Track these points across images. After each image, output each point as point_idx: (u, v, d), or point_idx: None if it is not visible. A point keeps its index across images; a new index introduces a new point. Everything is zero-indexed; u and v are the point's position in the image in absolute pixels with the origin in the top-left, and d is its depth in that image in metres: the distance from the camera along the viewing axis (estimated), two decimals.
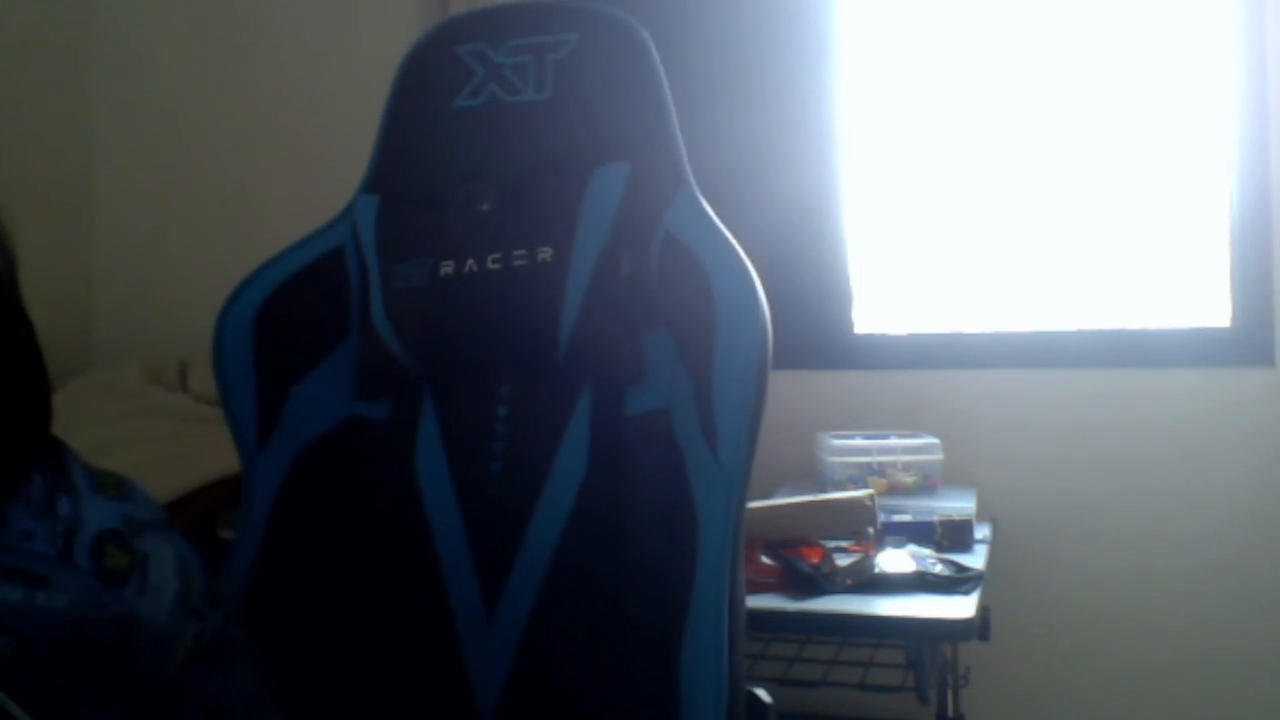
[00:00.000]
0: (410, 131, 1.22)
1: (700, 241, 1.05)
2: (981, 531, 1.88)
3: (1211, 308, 2.28)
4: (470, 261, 1.11)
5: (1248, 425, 2.18)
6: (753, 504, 1.80)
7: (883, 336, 2.43)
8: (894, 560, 1.67)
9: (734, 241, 1.04)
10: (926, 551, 1.72)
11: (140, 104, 2.77)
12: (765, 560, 1.64)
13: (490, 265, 1.09)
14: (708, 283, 1.02)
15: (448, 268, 1.11)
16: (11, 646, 0.69)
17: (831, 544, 1.72)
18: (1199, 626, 2.19)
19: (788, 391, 2.38)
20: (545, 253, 1.08)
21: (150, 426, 2.11)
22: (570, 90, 1.14)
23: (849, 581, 1.60)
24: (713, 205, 1.09)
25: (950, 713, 1.90)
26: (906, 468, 2.10)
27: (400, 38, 2.56)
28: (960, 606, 1.53)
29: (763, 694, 1.07)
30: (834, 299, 2.43)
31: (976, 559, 1.73)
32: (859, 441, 2.14)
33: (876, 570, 1.63)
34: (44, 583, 0.71)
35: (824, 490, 2.01)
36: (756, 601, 1.58)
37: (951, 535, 1.79)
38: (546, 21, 1.17)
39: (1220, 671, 2.18)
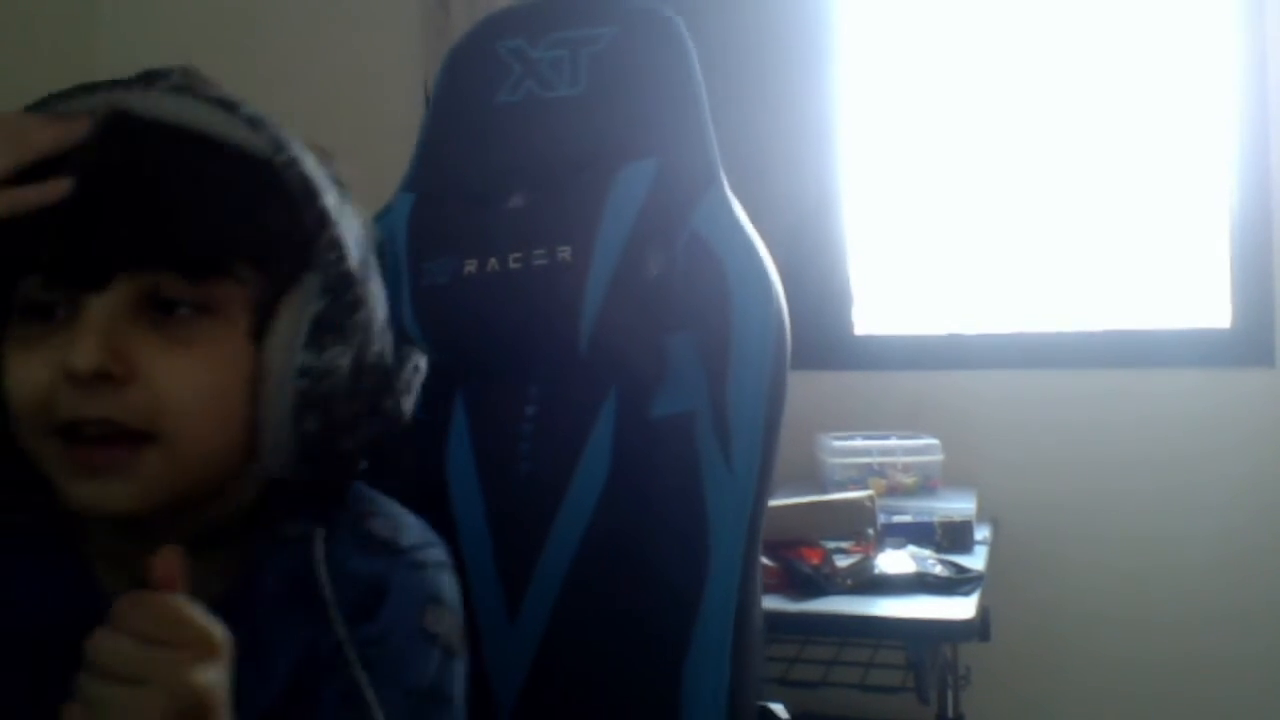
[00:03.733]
0: (450, 130, 1.20)
1: (723, 242, 1.05)
2: (981, 532, 1.88)
3: (1211, 308, 2.28)
4: (493, 260, 1.09)
5: (1248, 426, 2.18)
6: None
7: (883, 337, 2.43)
8: (894, 561, 1.67)
9: (757, 242, 1.04)
10: (926, 552, 1.72)
11: None
12: (765, 561, 1.64)
13: (512, 264, 1.08)
14: (725, 285, 1.02)
15: (471, 266, 1.09)
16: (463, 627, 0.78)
17: (831, 545, 1.72)
18: (1199, 626, 2.19)
19: (788, 391, 2.38)
20: (564, 252, 1.06)
21: None
22: (604, 85, 1.13)
23: (849, 582, 1.60)
24: None
25: (950, 713, 1.91)
26: (906, 469, 2.10)
27: (401, 39, 2.59)
28: (960, 607, 1.53)
29: (779, 710, 1.05)
30: (834, 300, 2.43)
31: (976, 560, 1.73)
32: (859, 442, 2.13)
33: (876, 571, 1.63)
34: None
35: (824, 491, 2.01)
36: None
37: (951, 536, 1.79)
38: (583, 14, 1.15)
39: (1220, 671, 2.18)
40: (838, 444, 2.12)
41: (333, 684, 0.71)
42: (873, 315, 2.44)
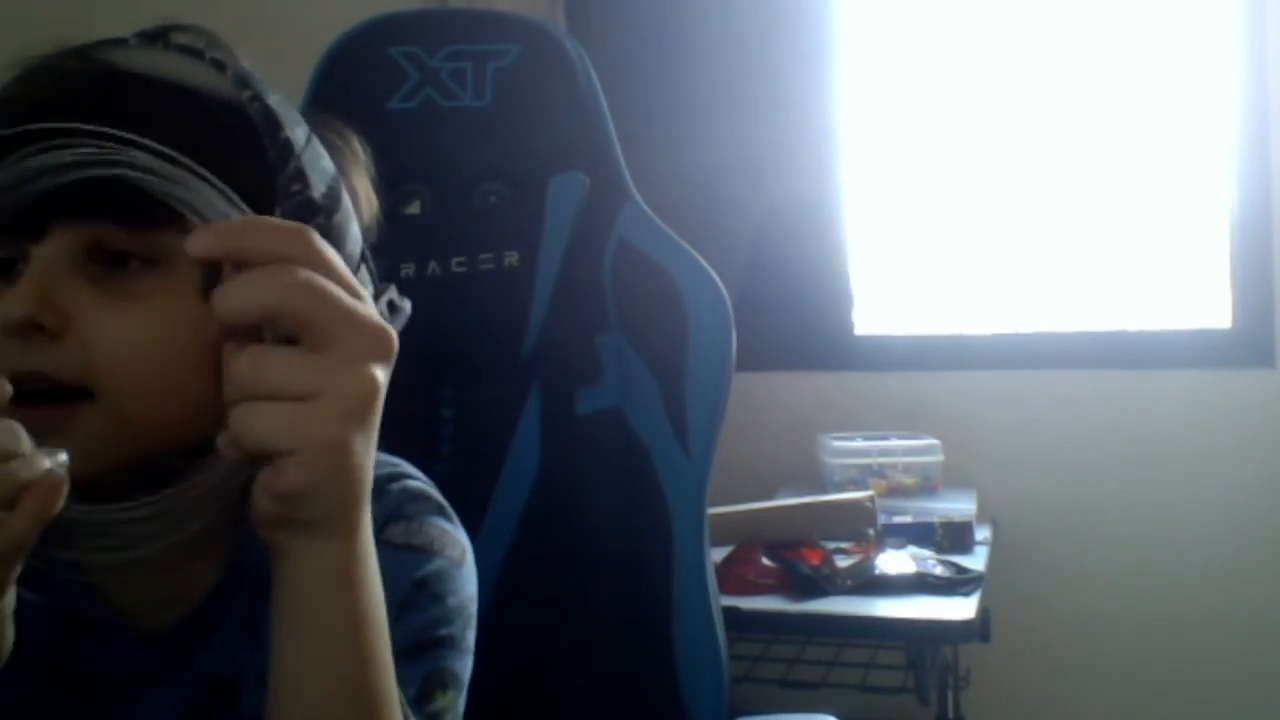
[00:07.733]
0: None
1: (661, 250, 1.12)
2: (982, 533, 1.88)
3: (1212, 309, 2.28)
4: (434, 264, 1.11)
5: (1248, 427, 2.18)
6: (753, 505, 1.81)
7: (883, 338, 2.43)
8: (894, 561, 1.67)
9: (692, 250, 1.12)
10: (927, 553, 1.72)
11: None
12: (766, 561, 1.64)
13: (455, 268, 1.11)
14: (678, 291, 1.10)
15: (408, 270, 1.11)
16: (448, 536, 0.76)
17: (832, 545, 1.72)
18: (1199, 628, 2.19)
19: (788, 392, 2.39)
20: (512, 257, 1.10)
21: None
22: (513, 99, 1.16)
23: (849, 583, 1.60)
24: (714, 205, 1.10)
25: (950, 714, 1.90)
26: (907, 469, 2.10)
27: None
28: (960, 608, 1.54)
29: None
30: (834, 300, 2.43)
31: (977, 560, 1.73)
32: (859, 443, 2.13)
33: (877, 572, 1.63)
34: None
35: (824, 491, 2.01)
36: (757, 602, 1.59)
37: (952, 537, 1.79)
38: (486, 30, 1.18)
39: (1220, 673, 2.18)
40: (838, 444, 2.12)
41: None
42: (873, 315, 2.44)
